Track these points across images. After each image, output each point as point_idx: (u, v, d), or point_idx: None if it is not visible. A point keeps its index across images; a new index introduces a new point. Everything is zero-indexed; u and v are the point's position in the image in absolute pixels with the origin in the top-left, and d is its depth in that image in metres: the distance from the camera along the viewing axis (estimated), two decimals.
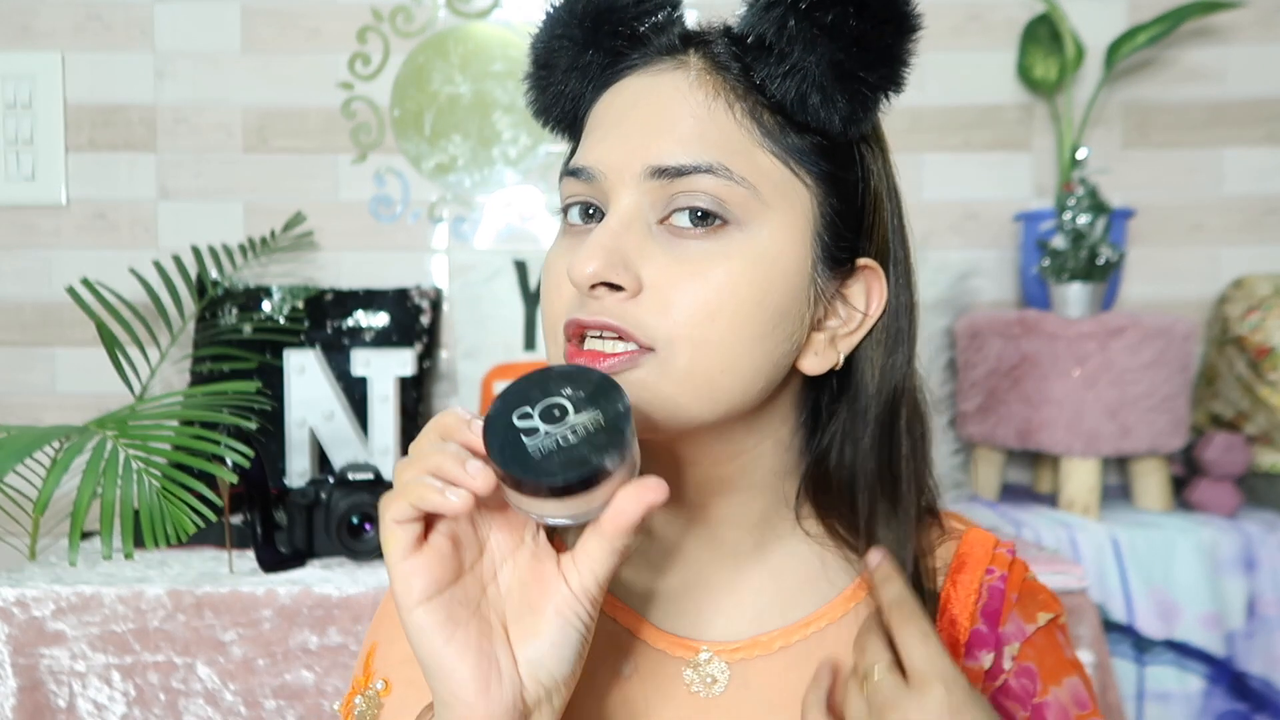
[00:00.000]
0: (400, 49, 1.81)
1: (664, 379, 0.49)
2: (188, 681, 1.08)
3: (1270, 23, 1.77)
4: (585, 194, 0.52)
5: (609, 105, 0.53)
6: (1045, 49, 1.72)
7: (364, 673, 0.58)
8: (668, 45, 0.53)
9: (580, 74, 0.55)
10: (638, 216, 0.50)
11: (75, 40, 1.79)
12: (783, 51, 0.49)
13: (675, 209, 0.50)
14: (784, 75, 0.49)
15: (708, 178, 0.49)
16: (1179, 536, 1.38)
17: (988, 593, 0.56)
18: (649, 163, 0.49)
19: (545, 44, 0.56)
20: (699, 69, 0.52)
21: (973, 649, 0.55)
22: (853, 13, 0.48)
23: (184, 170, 1.81)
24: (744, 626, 0.56)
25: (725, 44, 0.52)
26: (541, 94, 0.57)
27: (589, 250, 0.48)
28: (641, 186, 0.50)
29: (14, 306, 1.81)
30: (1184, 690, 1.35)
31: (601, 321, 0.49)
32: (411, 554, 0.42)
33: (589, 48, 0.54)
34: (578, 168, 0.52)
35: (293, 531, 1.18)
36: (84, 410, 1.77)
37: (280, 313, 1.70)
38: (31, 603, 1.08)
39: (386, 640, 0.59)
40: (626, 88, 0.53)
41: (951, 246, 1.80)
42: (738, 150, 0.50)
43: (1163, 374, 1.44)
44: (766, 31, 0.49)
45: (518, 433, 0.42)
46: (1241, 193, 1.80)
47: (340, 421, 1.44)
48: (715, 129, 0.50)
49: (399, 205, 1.82)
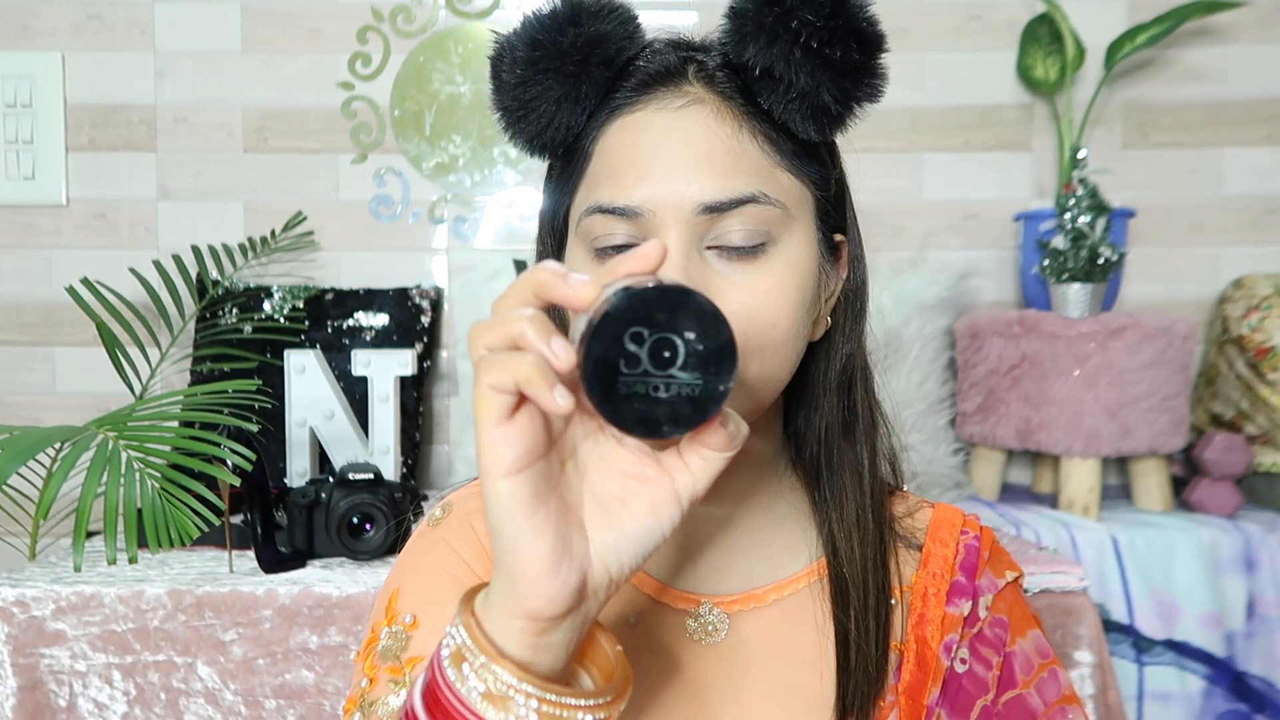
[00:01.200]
0: (400, 49, 1.81)
1: (738, 390, 0.51)
2: (188, 681, 1.08)
3: (1270, 23, 1.77)
4: (626, 230, 0.54)
5: (632, 143, 0.55)
6: (1045, 49, 1.72)
7: (386, 614, 0.60)
8: (660, 73, 0.56)
9: (573, 105, 0.57)
10: (693, 246, 0.53)
11: (75, 40, 1.79)
12: (791, 81, 0.53)
13: (723, 235, 0.54)
14: (790, 100, 0.54)
15: (752, 207, 0.53)
16: (1179, 537, 1.38)
17: (964, 549, 0.62)
18: (700, 200, 0.53)
19: (525, 77, 0.57)
20: (713, 101, 0.55)
21: (952, 597, 0.60)
22: (855, 47, 0.53)
23: (184, 170, 1.81)
24: (738, 583, 0.61)
25: (725, 73, 0.56)
26: (525, 124, 0.58)
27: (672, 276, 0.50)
28: (692, 220, 0.53)
29: (14, 306, 1.81)
30: (1184, 690, 1.35)
31: None
32: (504, 421, 0.39)
33: (581, 81, 0.56)
34: (621, 207, 0.54)
35: (293, 531, 1.18)
36: (84, 410, 1.77)
37: (280, 313, 1.70)
38: (31, 602, 1.08)
39: (413, 584, 0.61)
40: (647, 124, 0.55)
41: (951, 246, 1.80)
42: (766, 174, 0.55)
43: (1163, 374, 1.44)
44: (775, 65, 0.53)
45: (620, 353, 0.39)
46: (1241, 193, 1.80)
47: (340, 421, 1.44)
48: (746, 159, 0.54)
49: (399, 205, 1.82)
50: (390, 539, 1.18)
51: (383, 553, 1.18)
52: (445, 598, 0.59)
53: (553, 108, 0.57)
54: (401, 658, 0.57)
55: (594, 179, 0.57)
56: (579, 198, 0.58)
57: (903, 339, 1.63)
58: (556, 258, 0.61)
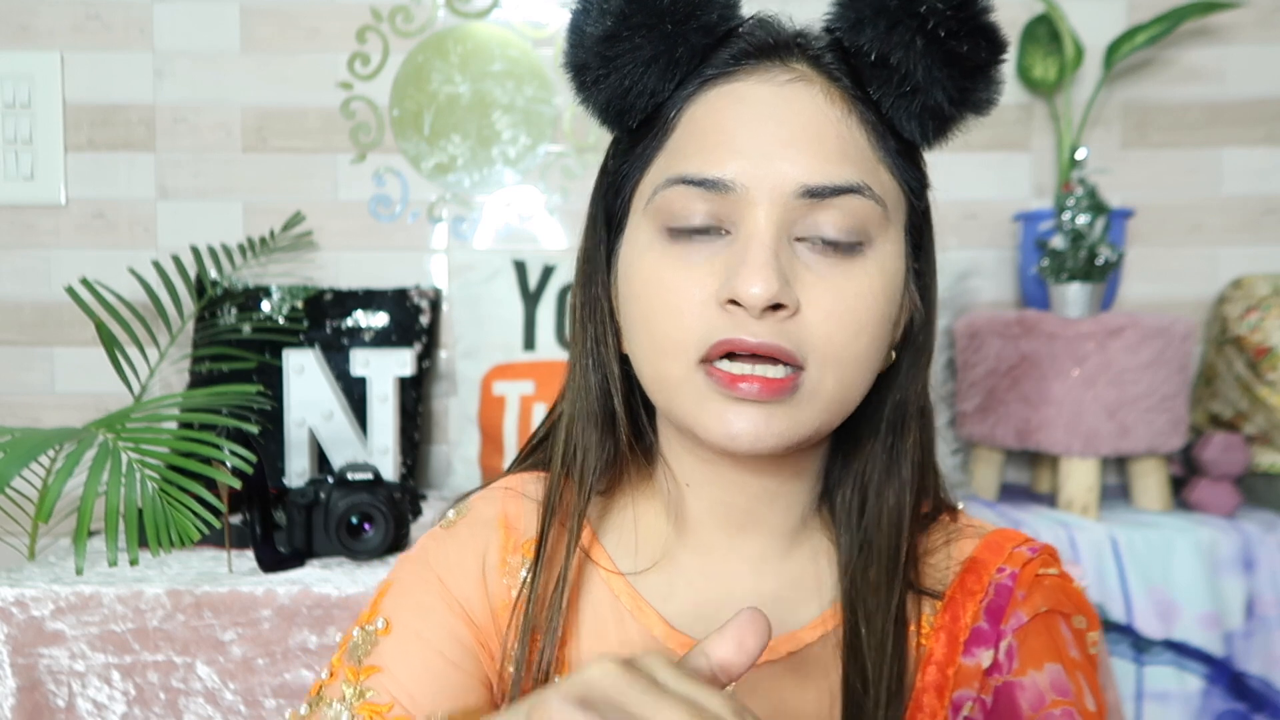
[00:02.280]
0: (400, 49, 1.81)
1: (813, 402, 0.49)
2: (187, 681, 1.08)
3: (1270, 23, 1.78)
4: (708, 210, 0.50)
5: (732, 113, 0.50)
6: (1045, 49, 1.72)
7: (371, 608, 0.58)
8: (764, 46, 0.51)
9: (665, 69, 0.51)
10: (783, 234, 0.49)
11: (74, 40, 1.79)
12: (907, 73, 0.49)
13: (819, 226, 0.49)
14: (903, 94, 0.50)
15: (855, 198, 0.49)
16: (1178, 536, 1.38)
17: (994, 590, 0.55)
18: (802, 181, 0.48)
19: (612, 35, 0.51)
20: (822, 82, 0.51)
21: (971, 646, 0.53)
22: (983, 45, 0.50)
23: (183, 170, 1.81)
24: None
25: (834, 56, 0.51)
26: (604, 85, 0.52)
27: (763, 271, 0.47)
28: (788, 204, 0.48)
29: (13, 306, 1.81)
30: (1183, 690, 1.35)
31: (774, 345, 0.48)
32: None
33: (677, 44, 0.51)
34: (712, 179, 0.49)
35: (292, 531, 1.18)
36: (83, 410, 1.77)
37: (279, 313, 1.70)
38: (31, 602, 1.08)
39: (402, 585, 0.58)
40: (747, 95, 0.50)
41: (951, 246, 1.80)
42: (871, 167, 0.50)
43: (1162, 374, 1.44)
44: (893, 52, 0.49)
45: None
46: (1240, 193, 1.80)
47: (339, 421, 1.44)
48: (854, 146, 0.50)
49: (398, 205, 1.82)
50: (389, 539, 1.18)
51: (382, 553, 1.18)
52: (425, 608, 0.56)
53: (640, 69, 0.51)
54: (363, 662, 0.54)
55: (677, 150, 0.51)
56: (654, 171, 0.53)
57: None
58: (608, 247, 0.57)
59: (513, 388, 1.61)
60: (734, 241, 0.49)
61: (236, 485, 1.09)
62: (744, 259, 0.48)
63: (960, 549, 0.58)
